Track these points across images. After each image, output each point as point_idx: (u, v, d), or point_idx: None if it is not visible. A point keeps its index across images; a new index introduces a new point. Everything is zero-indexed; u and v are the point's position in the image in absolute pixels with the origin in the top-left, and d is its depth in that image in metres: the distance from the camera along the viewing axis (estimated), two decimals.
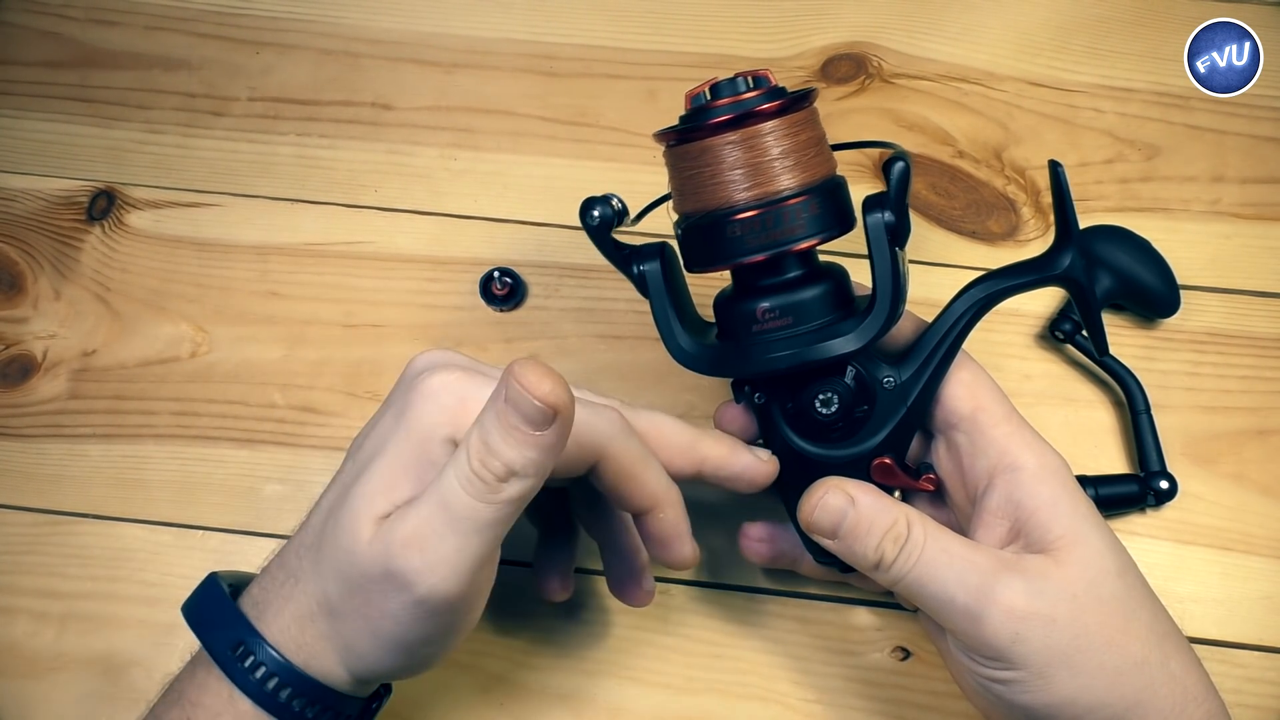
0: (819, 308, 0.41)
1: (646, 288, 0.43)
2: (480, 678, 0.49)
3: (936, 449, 0.44)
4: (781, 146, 0.40)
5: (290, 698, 0.37)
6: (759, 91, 0.41)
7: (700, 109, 0.41)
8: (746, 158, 0.40)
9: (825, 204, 0.41)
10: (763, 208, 0.40)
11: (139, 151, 0.60)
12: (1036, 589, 0.38)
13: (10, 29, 0.63)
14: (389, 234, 0.58)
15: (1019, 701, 0.39)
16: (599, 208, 0.43)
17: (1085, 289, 0.42)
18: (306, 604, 0.38)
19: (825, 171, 0.42)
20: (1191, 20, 0.59)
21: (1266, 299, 0.55)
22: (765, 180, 0.40)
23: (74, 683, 0.50)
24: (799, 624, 0.50)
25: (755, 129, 0.40)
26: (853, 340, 0.40)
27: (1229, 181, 0.58)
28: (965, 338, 0.43)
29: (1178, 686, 0.39)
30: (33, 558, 0.52)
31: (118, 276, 0.57)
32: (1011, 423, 0.42)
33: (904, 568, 0.39)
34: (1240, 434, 0.53)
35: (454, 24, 0.62)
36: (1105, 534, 0.41)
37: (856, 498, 0.40)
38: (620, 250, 0.44)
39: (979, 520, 0.42)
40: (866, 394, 0.42)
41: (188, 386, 0.55)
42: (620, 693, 0.49)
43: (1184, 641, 0.41)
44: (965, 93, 0.60)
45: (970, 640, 0.39)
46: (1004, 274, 0.43)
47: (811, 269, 0.43)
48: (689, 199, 0.42)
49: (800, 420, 0.42)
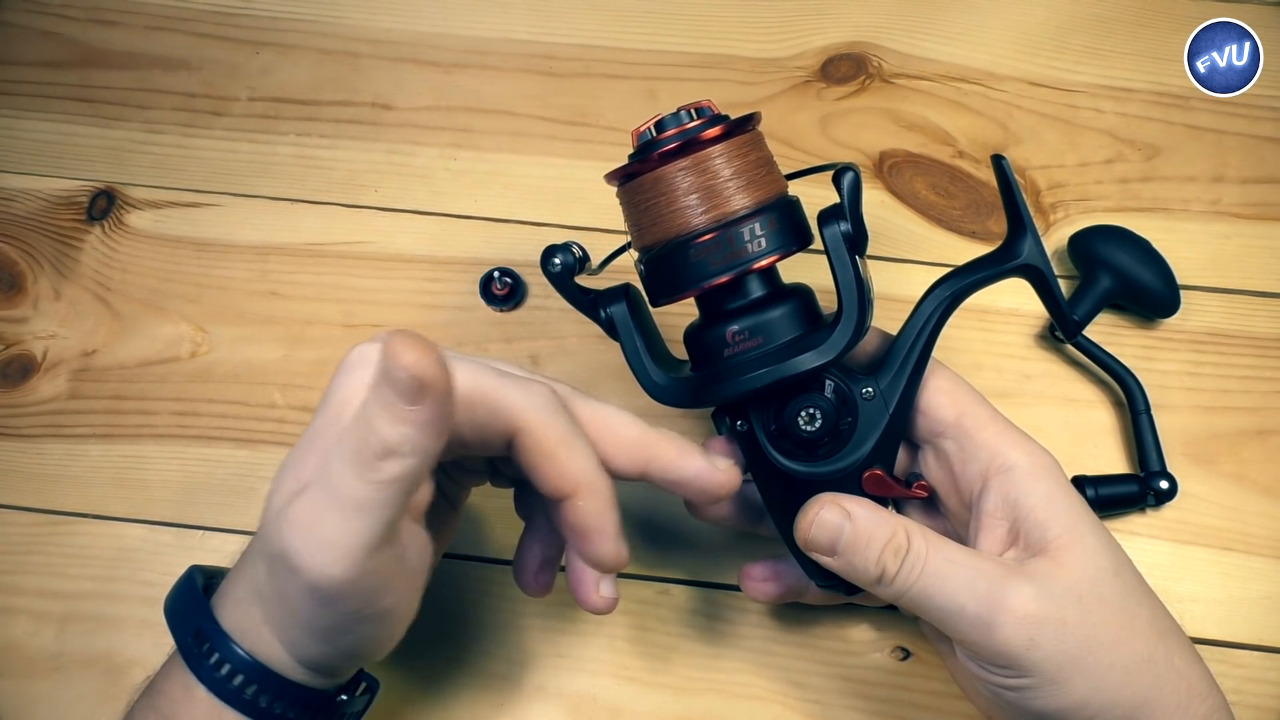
0: (787, 324, 0.42)
1: (615, 330, 0.44)
2: (480, 678, 0.49)
3: (925, 460, 0.44)
4: (732, 168, 0.41)
5: (243, 685, 0.36)
6: (703, 120, 0.42)
7: (648, 144, 0.42)
8: (699, 181, 0.41)
9: (782, 220, 0.41)
10: (720, 229, 0.41)
11: (139, 151, 0.60)
12: (1045, 592, 0.38)
13: (10, 29, 0.63)
14: (389, 234, 0.58)
15: (1033, 708, 0.38)
16: (560, 255, 0.43)
17: (1045, 276, 0.42)
18: (248, 588, 0.37)
19: (777, 190, 0.42)
20: (1191, 20, 0.59)
21: (1266, 299, 0.55)
22: (720, 202, 0.41)
23: (74, 683, 0.50)
24: (799, 624, 0.50)
25: (704, 153, 0.41)
26: (825, 351, 0.40)
27: (1229, 181, 0.58)
28: (936, 339, 0.43)
29: (1182, 682, 0.39)
30: (33, 558, 0.52)
31: (118, 276, 0.57)
32: (998, 424, 0.42)
33: (908, 580, 0.39)
34: (1240, 434, 0.53)
35: (454, 24, 0.62)
36: (1100, 532, 0.40)
37: (853, 512, 0.40)
38: (585, 294, 0.44)
39: (978, 524, 0.41)
40: (848, 406, 0.42)
41: (188, 386, 0.55)
42: (620, 693, 0.49)
43: (1184, 637, 0.41)
44: (965, 93, 0.60)
45: (982, 649, 0.38)
46: (965, 270, 0.43)
47: (775, 288, 0.43)
48: (647, 232, 0.42)
49: (785, 440, 0.42)
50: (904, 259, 0.56)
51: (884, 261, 0.56)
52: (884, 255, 0.56)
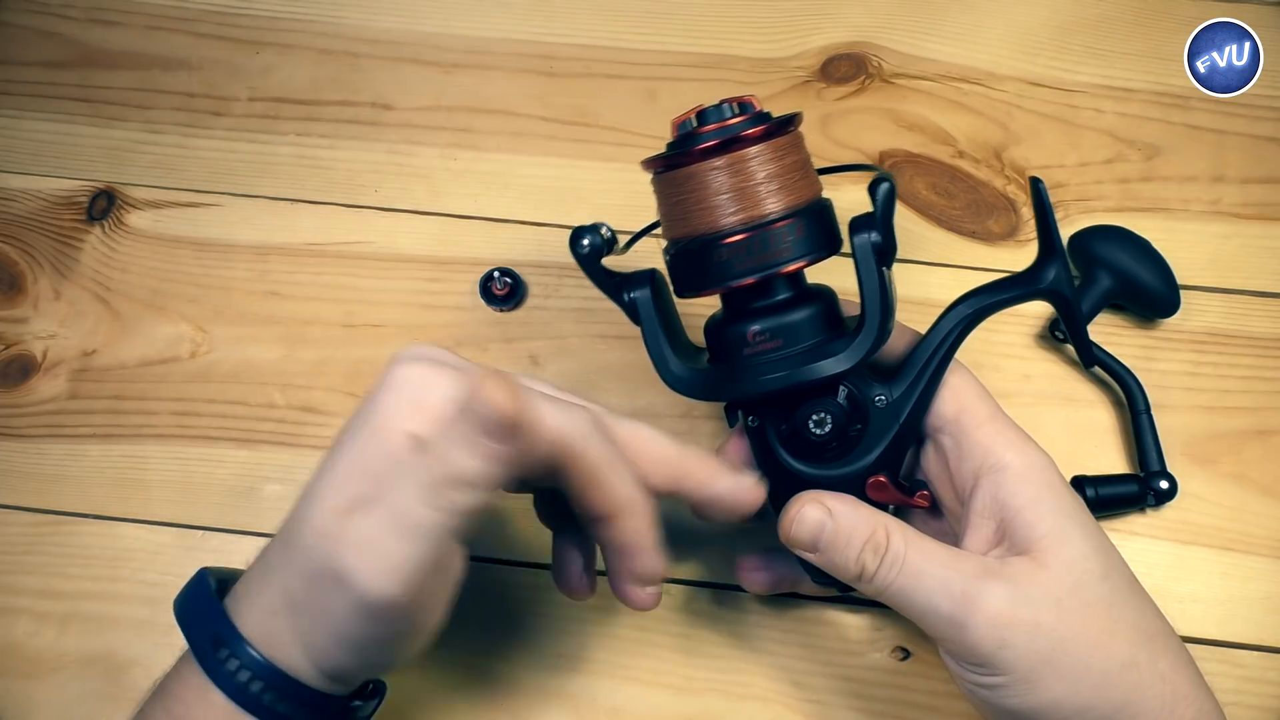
0: (809, 329, 0.41)
1: (638, 314, 0.43)
2: (480, 678, 0.49)
3: (926, 453, 0.44)
4: (767, 170, 0.41)
5: (261, 690, 0.37)
6: (744, 117, 0.41)
7: (687, 135, 0.42)
8: (733, 182, 0.41)
9: (812, 226, 0.41)
10: (750, 231, 0.40)
11: (139, 151, 0.60)
12: (1021, 594, 0.38)
13: (10, 29, 0.63)
14: (389, 234, 0.58)
15: (1006, 706, 0.39)
16: (589, 236, 0.43)
17: (1070, 303, 0.42)
18: (275, 597, 0.37)
19: (811, 194, 0.42)
20: (1191, 20, 0.59)
21: (1266, 299, 0.55)
22: (752, 204, 0.41)
23: (74, 683, 0.50)
24: (799, 624, 0.50)
25: (741, 154, 0.40)
26: (844, 360, 0.40)
27: (1229, 181, 0.58)
28: (954, 354, 0.43)
29: (1166, 686, 0.39)
30: (33, 558, 0.52)
31: (118, 276, 0.57)
32: (995, 423, 0.42)
33: (886, 578, 0.39)
34: (1240, 434, 0.53)
35: (454, 24, 0.62)
36: (1091, 534, 0.40)
37: (834, 509, 0.40)
38: (611, 278, 0.44)
39: (968, 522, 0.41)
40: (859, 413, 0.42)
41: (188, 386, 0.55)
42: (620, 693, 0.49)
43: (1174, 640, 0.41)
44: (965, 93, 0.60)
45: (955, 648, 0.39)
46: (989, 290, 0.43)
47: (800, 291, 0.43)
48: (677, 224, 0.42)
49: (794, 441, 0.42)
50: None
51: None
52: None
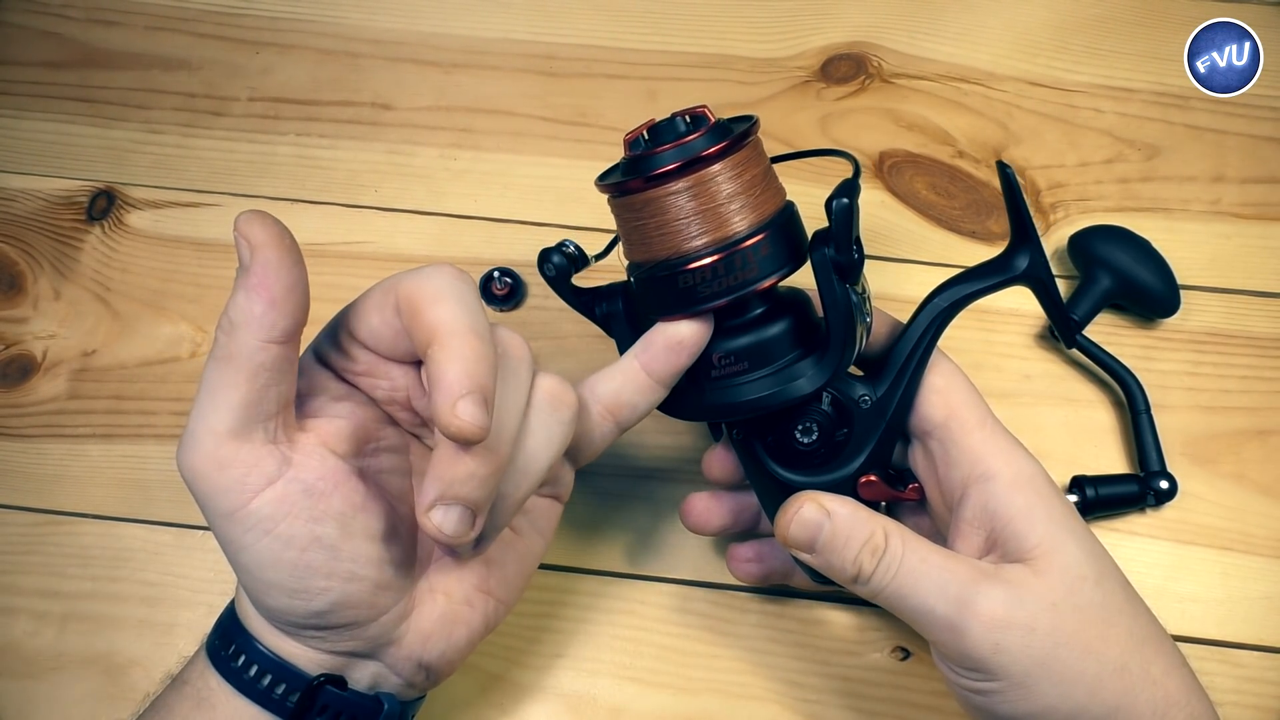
0: (777, 348, 0.40)
1: (610, 328, 0.43)
2: (480, 678, 0.49)
3: (914, 454, 0.44)
4: (730, 188, 0.38)
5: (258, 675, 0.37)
6: (701, 133, 0.38)
7: (640, 157, 0.39)
8: (695, 205, 0.38)
9: (779, 239, 0.39)
10: (717, 254, 0.38)
11: (139, 151, 0.60)
12: (1016, 598, 0.38)
13: (10, 29, 0.63)
14: (389, 234, 0.58)
15: (1000, 712, 0.39)
16: (555, 256, 0.41)
17: (1047, 285, 0.42)
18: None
19: (776, 205, 0.40)
20: (1191, 20, 0.59)
21: (1266, 299, 0.55)
22: (716, 225, 0.38)
23: (74, 683, 0.50)
24: (799, 624, 0.50)
25: (701, 174, 0.38)
26: (810, 382, 0.40)
27: (1229, 181, 0.58)
28: (935, 346, 0.42)
29: (1159, 691, 0.39)
30: (33, 558, 0.52)
31: (118, 276, 0.57)
32: (985, 429, 0.41)
33: (883, 580, 0.39)
34: (1240, 434, 0.53)
35: (454, 24, 0.62)
36: (1084, 540, 0.40)
37: (833, 510, 0.40)
38: (580, 295, 0.43)
39: (956, 530, 0.41)
40: (845, 417, 0.41)
41: (188, 386, 0.55)
42: (620, 693, 0.49)
43: (1167, 645, 0.40)
44: (965, 93, 0.60)
45: (950, 651, 0.39)
46: (966, 278, 0.42)
47: (773, 303, 0.41)
48: (638, 248, 0.40)
49: (781, 451, 0.42)
50: (904, 259, 0.56)
51: (884, 261, 0.56)
52: (884, 255, 0.56)
